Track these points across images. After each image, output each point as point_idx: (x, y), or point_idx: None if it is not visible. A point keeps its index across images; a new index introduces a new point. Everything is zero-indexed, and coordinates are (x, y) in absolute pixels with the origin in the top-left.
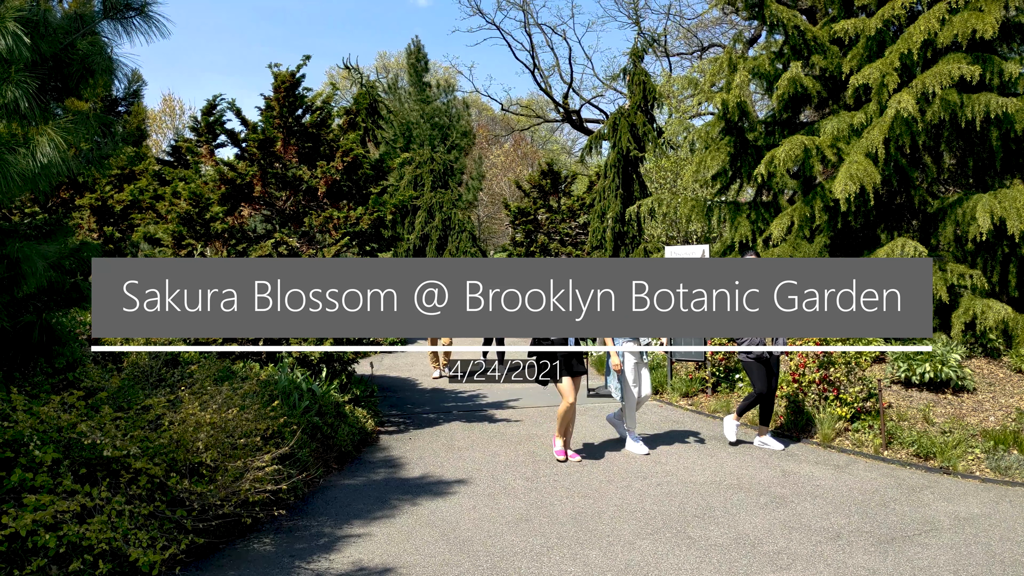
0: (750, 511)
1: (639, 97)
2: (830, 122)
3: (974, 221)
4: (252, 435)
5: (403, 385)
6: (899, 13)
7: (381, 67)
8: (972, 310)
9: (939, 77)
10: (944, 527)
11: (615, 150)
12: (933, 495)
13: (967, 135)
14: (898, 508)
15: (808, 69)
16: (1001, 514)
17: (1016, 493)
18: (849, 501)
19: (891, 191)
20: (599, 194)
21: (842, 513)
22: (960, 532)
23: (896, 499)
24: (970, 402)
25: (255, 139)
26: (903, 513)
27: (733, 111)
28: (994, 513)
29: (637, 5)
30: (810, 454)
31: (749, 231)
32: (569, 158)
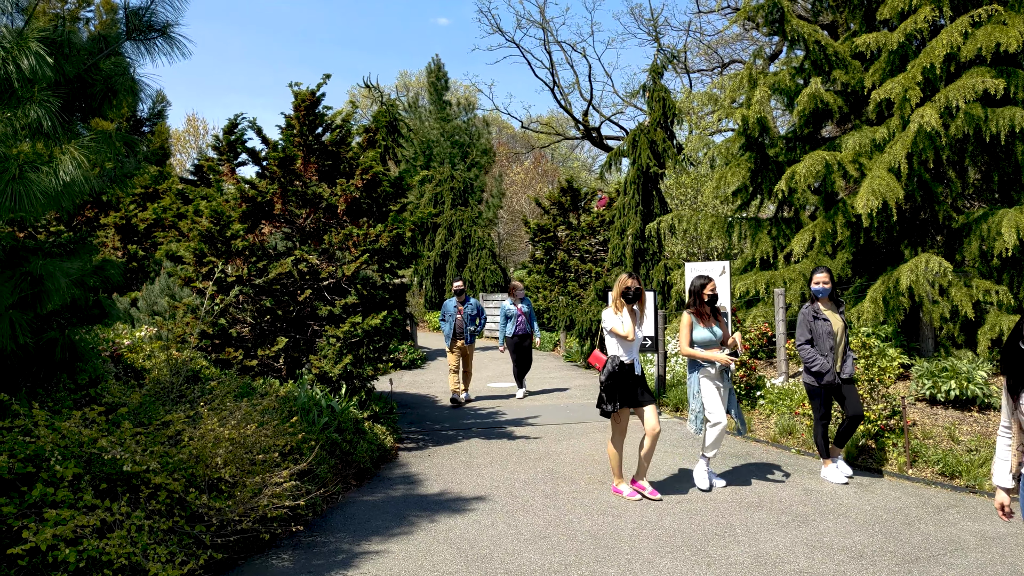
0: (771, 529)
1: (659, 114)
2: (852, 137)
3: (999, 236)
4: (270, 451)
5: (422, 402)
6: (921, 27)
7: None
8: (999, 326)
9: (963, 91)
10: (970, 546)
11: (635, 167)
12: (959, 514)
13: (992, 149)
14: (923, 527)
15: (829, 84)
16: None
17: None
18: (873, 520)
19: (915, 206)
20: (619, 211)
21: (866, 532)
22: (986, 551)
23: (921, 518)
24: (996, 420)
25: (275, 157)
26: (928, 532)
27: (753, 127)
28: (1021, 532)
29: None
30: None
31: (770, 247)
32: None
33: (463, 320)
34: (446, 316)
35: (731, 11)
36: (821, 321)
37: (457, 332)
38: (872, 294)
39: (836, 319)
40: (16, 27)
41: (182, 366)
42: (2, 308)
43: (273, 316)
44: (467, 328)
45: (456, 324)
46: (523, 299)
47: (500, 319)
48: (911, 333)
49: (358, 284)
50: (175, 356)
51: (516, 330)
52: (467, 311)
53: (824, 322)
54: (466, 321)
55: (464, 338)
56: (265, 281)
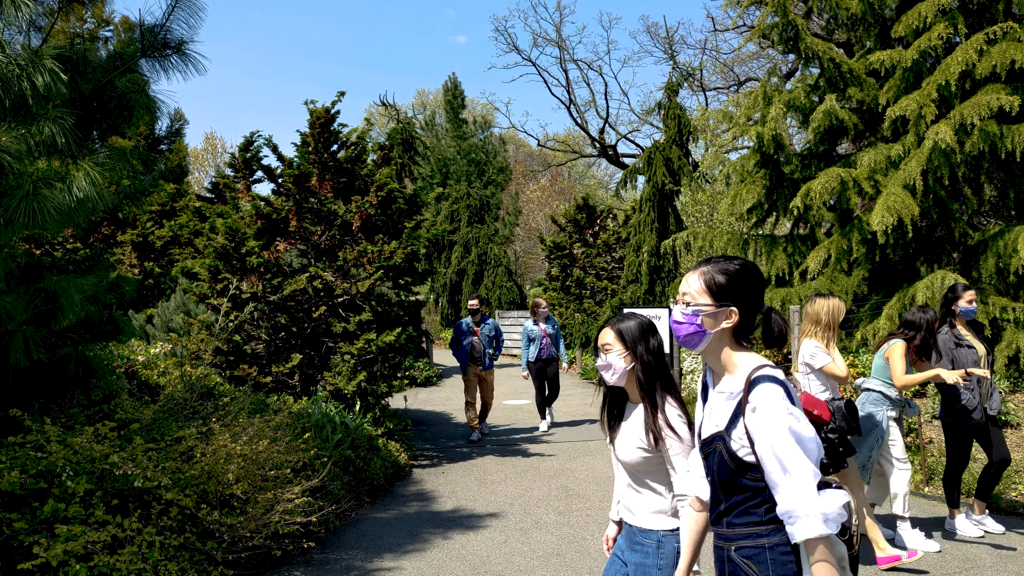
0: None
1: (674, 131)
2: (867, 154)
3: (1016, 253)
4: (283, 467)
5: (437, 419)
6: (936, 44)
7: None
8: (1016, 344)
9: (978, 108)
10: (986, 564)
11: (650, 184)
12: None
13: (1008, 166)
14: (942, 544)
15: (844, 102)
16: None
17: None
18: None
19: (930, 223)
20: (634, 228)
21: None
22: (1003, 569)
23: (937, 536)
24: (1015, 437)
25: (290, 174)
26: (945, 550)
27: (768, 144)
28: None
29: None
30: None
31: (785, 264)
32: (605, 193)
33: (480, 343)
34: (460, 338)
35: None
36: (964, 348)
37: (474, 357)
38: (888, 311)
39: (979, 345)
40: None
41: (196, 382)
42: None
43: (288, 333)
44: (485, 352)
45: (472, 348)
46: (547, 318)
47: (522, 341)
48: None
49: (372, 301)
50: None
51: (540, 353)
52: (484, 332)
53: (968, 349)
54: (483, 344)
55: (482, 363)
56: (280, 298)
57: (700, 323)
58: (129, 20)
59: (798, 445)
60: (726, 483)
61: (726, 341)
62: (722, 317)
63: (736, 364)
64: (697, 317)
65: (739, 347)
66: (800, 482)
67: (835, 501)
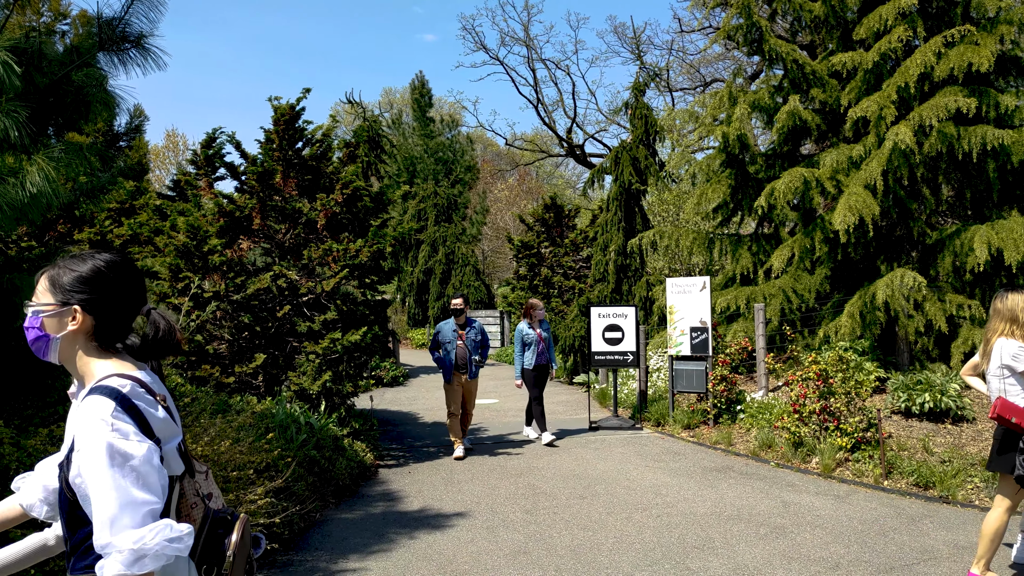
0: (749, 542)
1: (641, 131)
2: (829, 154)
3: (972, 252)
4: (245, 468)
5: (404, 419)
6: (896, 47)
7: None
8: (971, 340)
9: (936, 110)
10: (943, 556)
11: (617, 183)
12: (932, 524)
13: (964, 167)
14: (897, 537)
15: (807, 102)
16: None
17: (1013, 522)
18: (849, 531)
19: (890, 222)
20: (602, 227)
21: (842, 543)
22: (958, 561)
23: (896, 528)
24: (969, 431)
25: (254, 172)
26: (902, 543)
27: (734, 144)
28: None
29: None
30: (810, 484)
31: (750, 263)
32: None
33: (466, 348)
34: (443, 343)
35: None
36: None
37: (459, 364)
38: (849, 309)
39: None
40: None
41: None
42: None
43: (251, 332)
44: (471, 359)
45: (457, 354)
46: (541, 321)
47: (516, 347)
48: (887, 347)
49: (338, 300)
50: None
51: (537, 360)
52: (470, 336)
53: None
54: (470, 349)
55: (468, 371)
56: (243, 297)
57: (41, 326)
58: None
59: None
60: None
61: (82, 346)
62: (67, 319)
63: (93, 374)
64: (38, 319)
65: (102, 354)
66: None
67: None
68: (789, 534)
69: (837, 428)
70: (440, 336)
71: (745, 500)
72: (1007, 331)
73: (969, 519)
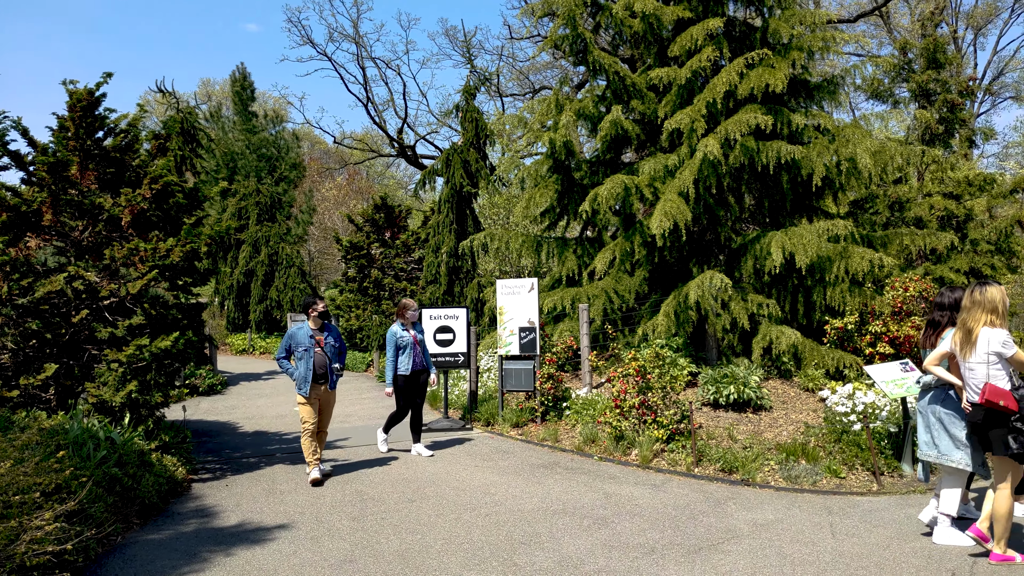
0: (574, 534)
1: (472, 134)
2: (648, 163)
3: (770, 256)
4: (31, 491)
5: (222, 429)
6: (705, 65)
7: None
8: (769, 336)
9: (739, 125)
10: (744, 534)
11: (449, 186)
12: (736, 505)
13: (764, 178)
14: (705, 520)
15: (628, 113)
16: (792, 518)
17: (804, 499)
18: (664, 517)
19: (701, 228)
20: (434, 229)
21: (657, 529)
22: (758, 537)
23: (704, 512)
24: (767, 419)
25: (44, 162)
26: (709, 524)
27: (560, 150)
28: (786, 518)
29: (470, 44)
30: (630, 476)
31: (575, 265)
32: (405, 193)
33: (325, 355)
34: (297, 350)
35: (541, 39)
36: None
37: (317, 373)
38: (665, 308)
39: None
40: None
41: None
42: None
43: (41, 340)
44: (330, 367)
45: (315, 362)
46: (415, 323)
47: (388, 351)
48: (698, 343)
49: (146, 303)
50: None
51: (413, 365)
52: (329, 342)
53: None
54: (329, 356)
55: (328, 382)
56: (31, 301)
57: None
58: None
59: None
60: None
61: None
62: None
63: None
64: None
65: None
66: None
67: None
68: (611, 524)
69: (654, 421)
70: (294, 342)
71: (570, 494)
72: (989, 321)
73: (766, 499)
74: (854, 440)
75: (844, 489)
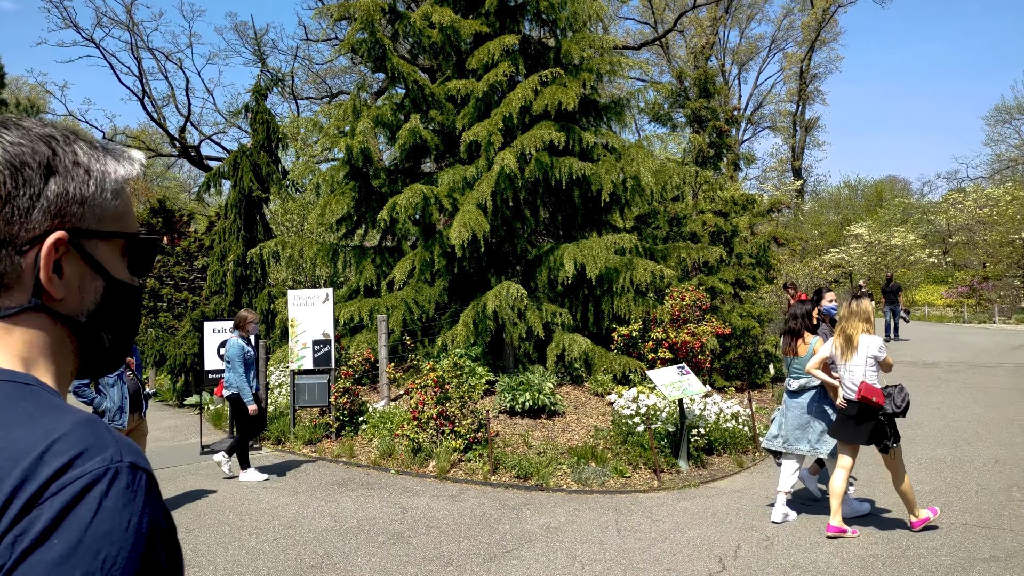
0: (368, 552)
1: (263, 136)
2: (447, 173)
3: (563, 267)
4: None
5: None
6: (502, 79)
7: None
8: (562, 343)
9: (534, 140)
10: (537, 538)
11: (236, 189)
12: (530, 511)
13: (557, 193)
14: (500, 527)
15: (428, 123)
16: (582, 520)
17: (593, 499)
18: (460, 527)
19: (499, 239)
20: (219, 235)
21: (453, 540)
22: (550, 541)
23: (500, 519)
24: (560, 424)
25: None
26: (504, 531)
27: (357, 157)
28: (576, 520)
29: (261, 42)
30: (428, 487)
31: (374, 275)
32: (188, 196)
33: (137, 379)
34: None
35: (338, 42)
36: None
37: (133, 401)
38: (464, 318)
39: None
40: None
41: None
42: None
43: None
44: (142, 389)
45: (129, 388)
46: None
47: (237, 365)
48: (496, 352)
49: None
50: None
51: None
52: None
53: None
54: (140, 380)
55: (140, 409)
56: None
57: None
58: None
59: None
60: None
61: None
62: None
63: None
64: None
65: None
66: None
67: None
68: (406, 538)
69: (452, 431)
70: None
71: (365, 511)
72: (865, 329)
73: (558, 502)
74: (638, 441)
75: (629, 488)
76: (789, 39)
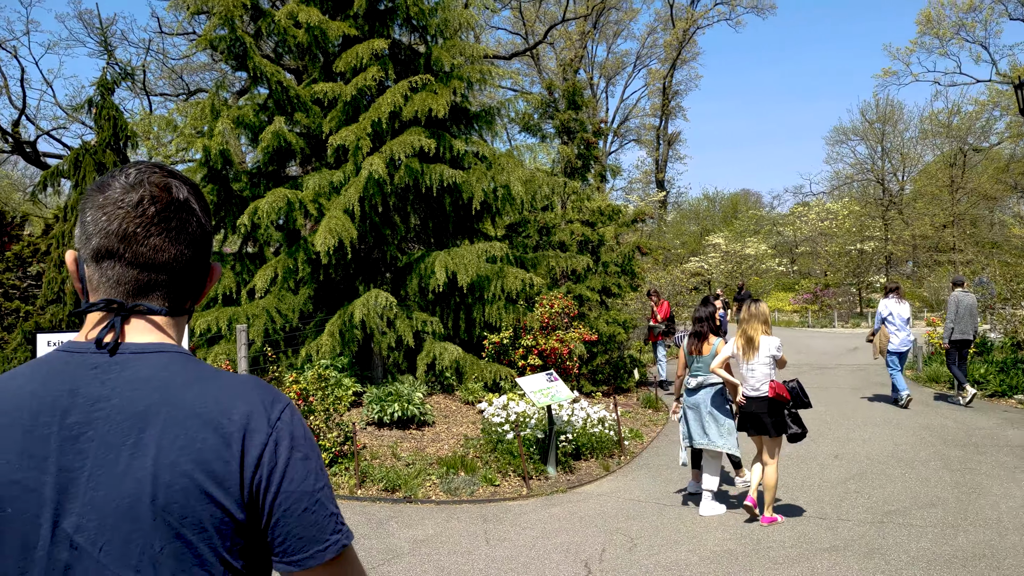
0: None
1: (109, 133)
2: (313, 178)
3: (434, 275)
4: None
5: None
6: (371, 84)
7: None
8: (433, 352)
9: (404, 146)
10: (405, 552)
11: (78, 190)
12: (397, 524)
13: (428, 200)
14: (367, 542)
15: (292, 125)
16: (451, 531)
17: (462, 509)
18: None
19: (368, 246)
20: (57, 239)
21: None
22: (417, 554)
23: (366, 534)
24: (430, 434)
25: None
26: (371, 547)
27: (216, 158)
28: (445, 531)
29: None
30: None
31: (234, 283)
32: (22, 196)
33: None
34: None
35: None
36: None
37: None
38: (330, 328)
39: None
40: None
41: None
42: None
43: None
44: None
45: None
46: None
47: None
48: (364, 362)
49: None
50: None
51: None
52: None
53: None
54: None
55: None
56: None
57: None
58: None
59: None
60: None
61: None
62: None
63: None
64: None
65: None
66: None
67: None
68: None
69: None
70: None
71: None
72: (764, 330)
73: (427, 514)
74: (508, 448)
75: (499, 496)
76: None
